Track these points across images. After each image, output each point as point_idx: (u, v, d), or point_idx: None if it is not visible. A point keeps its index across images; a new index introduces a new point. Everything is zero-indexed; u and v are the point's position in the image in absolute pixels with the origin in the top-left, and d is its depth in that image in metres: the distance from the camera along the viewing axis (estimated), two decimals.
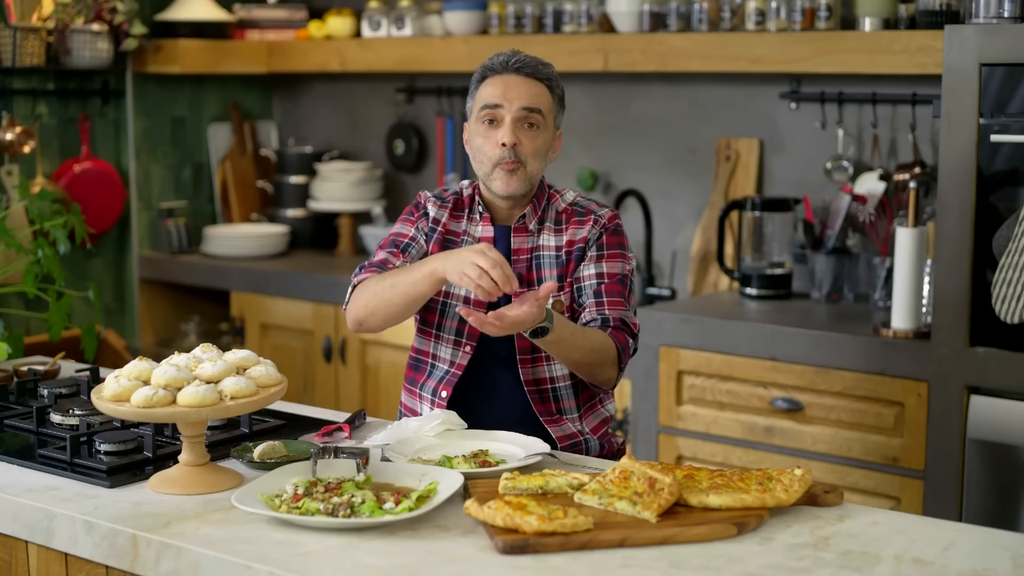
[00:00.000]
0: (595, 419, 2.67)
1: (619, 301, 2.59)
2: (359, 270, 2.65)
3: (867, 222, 3.70)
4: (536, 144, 2.59)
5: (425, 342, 2.67)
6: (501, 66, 2.61)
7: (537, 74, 2.61)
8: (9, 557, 2.19)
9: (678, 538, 1.91)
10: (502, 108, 2.57)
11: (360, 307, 2.57)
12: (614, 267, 2.62)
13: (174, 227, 4.89)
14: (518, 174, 2.58)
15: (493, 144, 2.58)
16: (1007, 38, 3.00)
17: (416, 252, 2.67)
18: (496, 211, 2.67)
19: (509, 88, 2.59)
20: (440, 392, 2.62)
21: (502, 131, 2.57)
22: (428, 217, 2.70)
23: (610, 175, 4.44)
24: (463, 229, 2.68)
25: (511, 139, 2.56)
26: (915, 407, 3.22)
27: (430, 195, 2.74)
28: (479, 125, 2.61)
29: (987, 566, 1.83)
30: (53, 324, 3.42)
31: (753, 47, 3.79)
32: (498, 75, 2.61)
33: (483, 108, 2.60)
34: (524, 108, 2.57)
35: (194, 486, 2.15)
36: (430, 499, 2.03)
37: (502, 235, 2.65)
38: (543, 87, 2.62)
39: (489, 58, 2.66)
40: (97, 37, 4.54)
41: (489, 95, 2.60)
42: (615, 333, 2.55)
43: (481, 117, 2.60)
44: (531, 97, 2.59)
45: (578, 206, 2.68)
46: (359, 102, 5.11)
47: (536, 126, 2.59)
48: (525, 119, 2.58)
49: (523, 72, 2.60)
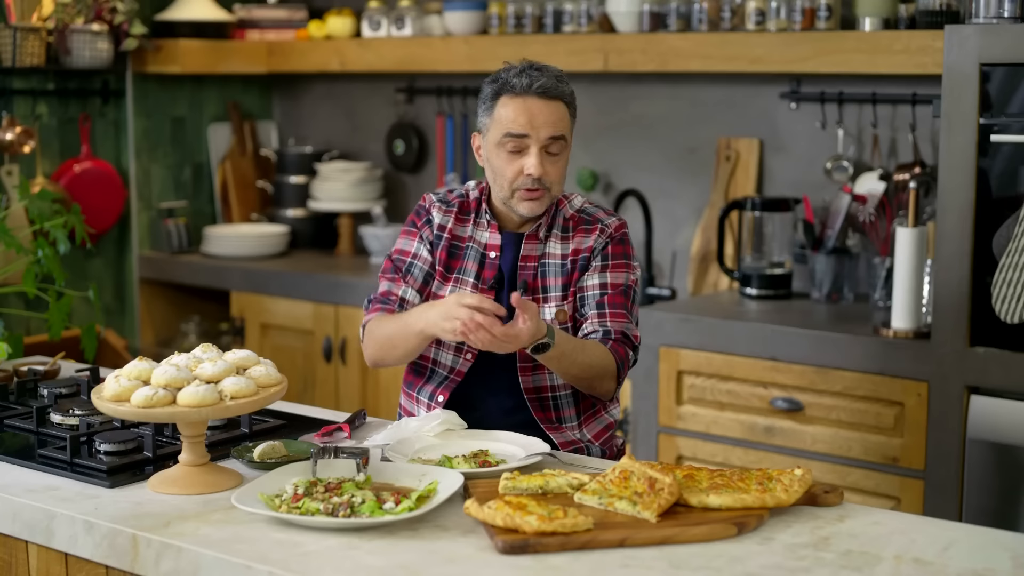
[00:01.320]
0: (598, 425, 2.67)
1: (621, 313, 2.58)
2: (368, 303, 2.68)
3: (867, 222, 3.70)
4: (559, 168, 2.56)
5: (427, 347, 2.67)
6: (523, 88, 2.52)
7: (560, 95, 2.55)
8: (9, 557, 2.19)
9: (678, 538, 1.91)
10: (528, 138, 2.52)
11: (373, 352, 2.63)
12: (618, 277, 2.61)
13: (174, 227, 4.89)
14: (543, 199, 2.56)
15: (516, 171, 2.54)
16: (1007, 38, 3.00)
17: (419, 272, 2.65)
18: (505, 219, 2.65)
19: (534, 116, 2.52)
20: (437, 396, 2.62)
21: (528, 161, 2.52)
22: (432, 224, 2.68)
23: (610, 175, 4.44)
24: (468, 235, 2.66)
25: (539, 171, 2.52)
26: (915, 407, 3.22)
27: (435, 199, 2.71)
28: (500, 149, 2.55)
29: (987, 566, 1.83)
30: (53, 324, 3.42)
31: (753, 47, 3.79)
32: (519, 97, 2.53)
33: (507, 136, 2.53)
34: (550, 138, 2.53)
35: (194, 486, 2.15)
36: (430, 499, 2.03)
37: (510, 241, 2.64)
38: (563, 107, 2.56)
39: (504, 70, 2.57)
40: (97, 37, 4.54)
41: (512, 122, 2.52)
42: (615, 347, 2.54)
43: (503, 143, 2.54)
44: (555, 123, 2.53)
45: (585, 213, 2.66)
46: (359, 102, 5.11)
47: (559, 152, 2.56)
48: (550, 146, 2.54)
49: (547, 95, 2.53)
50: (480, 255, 2.64)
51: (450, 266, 2.66)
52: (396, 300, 2.63)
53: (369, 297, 2.69)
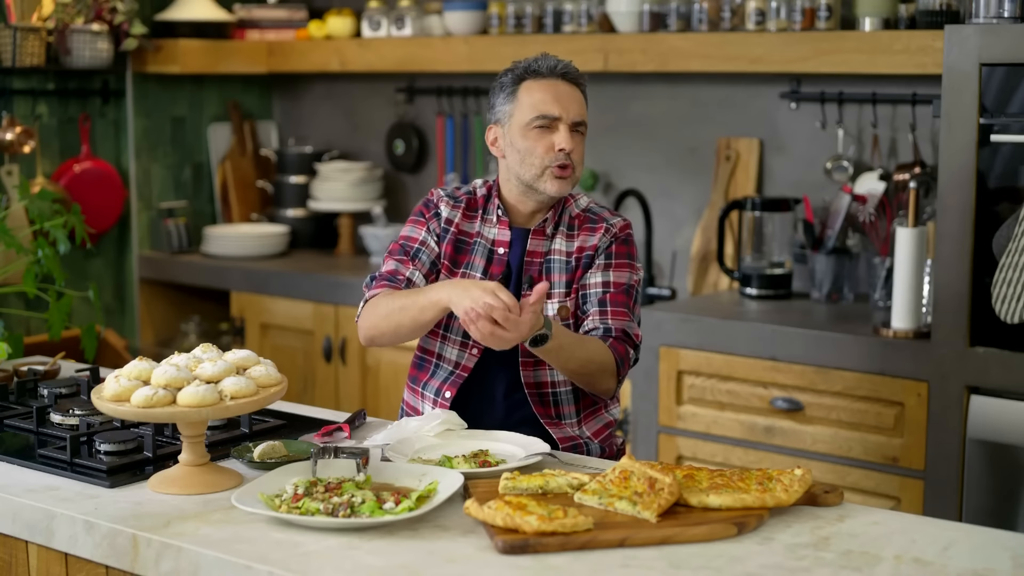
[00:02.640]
0: (597, 423, 2.67)
1: (623, 311, 2.59)
2: (371, 280, 2.65)
3: (867, 222, 3.70)
4: (581, 152, 2.62)
5: (431, 341, 2.67)
6: (548, 71, 2.60)
7: (581, 81, 2.63)
8: (9, 557, 2.19)
9: (678, 538, 1.91)
10: (559, 119, 2.57)
11: (371, 326, 2.58)
12: (621, 276, 2.61)
13: (174, 227, 4.89)
14: (570, 178, 2.60)
15: (546, 147, 2.57)
16: (1007, 38, 3.00)
17: (426, 258, 2.65)
18: (515, 215, 2.66)
19: (561, 96, 2.58)
20: (444, 392, 2.62)
21: (559, 136, 2.57)
22: (440, 217, 2.68)
23: (610, 175, 4.44)
24: (476, 230, 2.67)
25: (570, 145, 2.57)
26: (915, 407, 3.22)
27: (442, 194, 2.71)
28: (529, 130, 2.58)
29: (987, 566, 1.83)
30: (53, 324, 3.42)
31: (753, 47, 3.79)
32: (545, 79, 2.59)
33: (538, 117, 2.57)
34: (576, 121, 2.59)
35: (194, 486, 2.15)
36: (430, 499, 2.03)
37: (518, 237, 2.65)
38: (582, 95, 2.64)
39: (523, 61, 2.63)
40: (97, 37, 4.54)
41: (542, 103, 2.57)
42: (615, 344, 2.54)
43: (532, 124, 2.58)
44: (580, 108, 2.61)
45: (591, 212, 2.67)
46: (359, 102, 5.11)
47: (581, 135, 2.62)
48: (575, 128, 2.60)
49: (569, 79, 2.61)
50: (488, 251, 2.65)
51: (457, 261, 2.66)
52: (404, 280, 2.62)
53: (373, 275, 2.66)
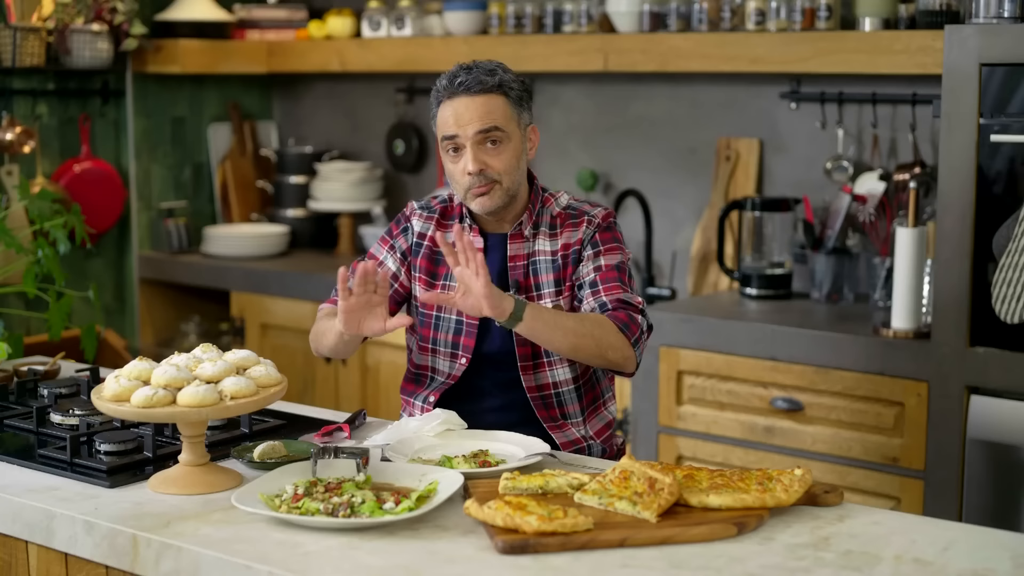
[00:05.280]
0: (599, 423, 2.67)
1: (615, 285, 2.55)
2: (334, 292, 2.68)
3: (867, 222, 3.70)
4: (504, 159, 2.54)
5: (423, 357, 2.67)
6: (446, 89, 2.55)
7: (485, 87, 2.53)
8: (9, 557, 2.19)
9: (678, 538, 1.91)
10: (459, 137, 2.52)
11: (312, 340, 2.74)
12: (611, 259, 2.59)
13: (174, 227, 4.89)
14: (494, 193, 2.55)
15: (461, 172, 2.54)
16: (1007, 38, 3.00)
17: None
18: (484, 222, 2.64)
19: (459, 114, 2.52)
20: (429, 398, 2.63)
21: (464, 160, 2.52)
22: (411, 232, 2.68)
23: (610, 175, 4.44)
24: (452, 240, 2.66)
25: (475, 167, 2.51)
26: (915, 407, 3.22)
27: (416, 207, 2.71)
28: (445, 155, 2.58)
29: (987, 566, 1.83)
30: (53, 324, 3.42)
31: (753, 47, 3.79)
32: (448, 101, 2.54)
33: (443, 140, 2.55)
34: (479, 132, 2.51)
35: (194, 486, 2.15)
36: (430, 499, 2.03)
37: (497, 243, 2.63)
38: (496, 97, 2.53)
39: (441, 76, 2.59)
40: (97, 37, 4.54)
41: (444, 125, 2.55)
42: (614, 313, 2.50)
43: (445, 148, 2.56)
44: (483, 116, 2.51)
45: (571, 209, 2.65)
46: (359, 102, 5.11)
47: (499, 142, 2.53)
48: (485, 139, 2.52)
49: (471, 91, 2.52)
50: None
51: (435, 273, 2.65)
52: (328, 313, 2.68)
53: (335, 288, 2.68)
